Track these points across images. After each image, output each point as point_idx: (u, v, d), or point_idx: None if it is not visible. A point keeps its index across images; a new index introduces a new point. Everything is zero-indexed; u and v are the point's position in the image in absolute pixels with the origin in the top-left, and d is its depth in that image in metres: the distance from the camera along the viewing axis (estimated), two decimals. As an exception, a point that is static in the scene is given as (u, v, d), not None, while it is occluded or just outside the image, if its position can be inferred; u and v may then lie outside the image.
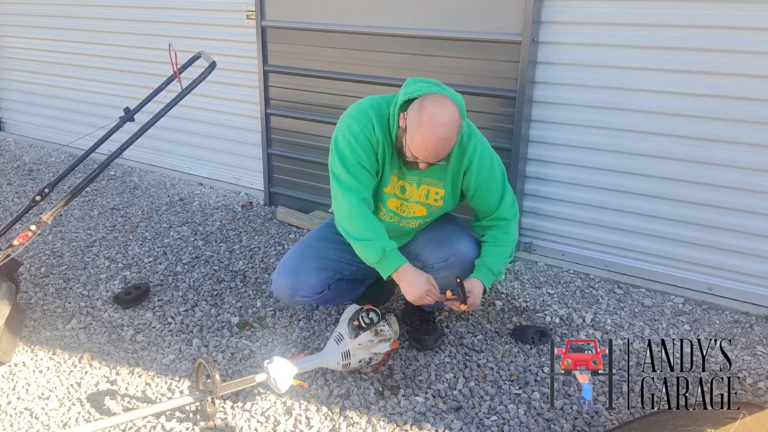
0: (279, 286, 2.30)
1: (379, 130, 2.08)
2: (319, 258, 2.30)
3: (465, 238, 2.29)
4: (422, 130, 1.93)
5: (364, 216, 2.09)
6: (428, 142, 1.94)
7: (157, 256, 3.14)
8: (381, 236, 2.09)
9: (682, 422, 1.79)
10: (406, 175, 2.17)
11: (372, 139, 2.09)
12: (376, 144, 2.10)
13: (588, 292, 2.81)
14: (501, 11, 2.81)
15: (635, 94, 2.69)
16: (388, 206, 2.24)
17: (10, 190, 4.09)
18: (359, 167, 2.08)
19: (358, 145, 2.07)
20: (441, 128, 1.93)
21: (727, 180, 2.61)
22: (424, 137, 1.93)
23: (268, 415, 2.04)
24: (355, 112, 2.14)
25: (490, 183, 2.20)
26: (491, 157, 2.20)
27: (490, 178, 2.19)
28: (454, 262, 2.24)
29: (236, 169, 4.09)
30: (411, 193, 2.20)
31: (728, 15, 2.45)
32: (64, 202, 2.33)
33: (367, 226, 2.08)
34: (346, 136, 2.09)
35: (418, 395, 2.14)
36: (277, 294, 2.33)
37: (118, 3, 4.29)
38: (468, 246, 2.27)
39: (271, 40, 3.53)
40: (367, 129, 2.08)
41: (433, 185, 2.19)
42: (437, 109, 1.93)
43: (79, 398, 2.14)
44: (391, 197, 2.22)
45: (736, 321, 2.60)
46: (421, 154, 1.98)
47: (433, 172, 2.16)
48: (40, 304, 2.70)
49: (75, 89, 4.77)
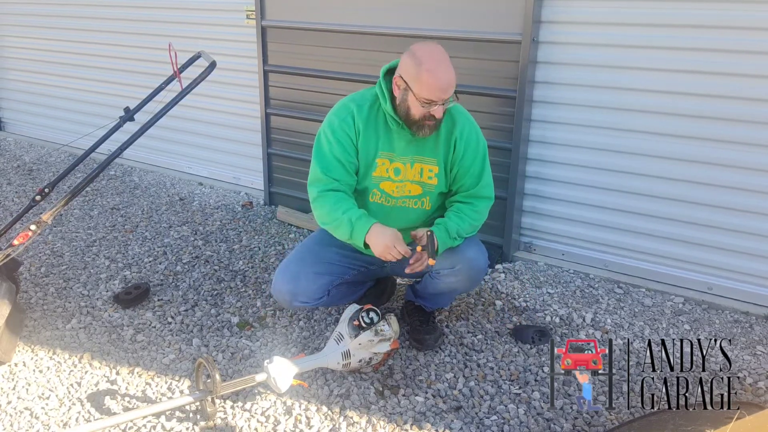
0: (279, 290, 2.28)
1: (360, 119, 2.12)
2: (319, 263, 2.28)
3: (474, 245, 2.26)
4: (426, 65, 1.97)
5: (330, 200, 2.11)
6: (439, 73, 1.97)
7: (157, 256, 3.14)
8: (347, 209, 2.08)
9: (682, 422, 1.79)
10: (399, 156, 2.17)
11: (350, 131, 2.14)
12: (356, 134, 2.14)
13: (588, 291, 2.81)
14: (501, 11, 2.81)
15: (635, 93, 2.69)
16: (382, 189, 2.23)
17: (10, 189, 4.09)
18: (333, 161, 2.13)
19: (334, 139, 2.13)
20: (442, 54, 2.00)
21: (728, 180, 2.61)
22: (432, 70, 1.97)
23: (268, 415, 2.04)
24: (336, 108, 2.20)
25: (474, 160, 2.21)
26: (477, 136, 2.22)
27: (474, 156, 2.20)
28: (462, 269, 2.22)
29: (236, 168, 4.10)
30: (405, 173, 2.20)
31: (728, 15, 2.45)
32: (64, 202, 2.33)
33: (334, 207, 2.09)
34: (325, 130, 2.17)
35: (418, 395, 2.14)
36: (276, 298, 2.33)
37: (118, 3, 4.30)
38: (477, 253, 2.24)
39: (271, 40, 3.53)
40: (346, 122, 2.13)
41: (426, 162, 2.19)
42: (428, 45, 2.00)
43: (79, 398, 2.14)
44: (384, 180, 2.22)
45: (736, 321, 2.60)
46: (434, 92, 1.99)
47: (425, 148, 2.16)
48: (40, 304, 2.70)
49: (75, 89, 4.77)
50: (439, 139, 2.17)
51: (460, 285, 2.29)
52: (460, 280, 2.24)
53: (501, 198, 3.01)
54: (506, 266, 3.01)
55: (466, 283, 2.31)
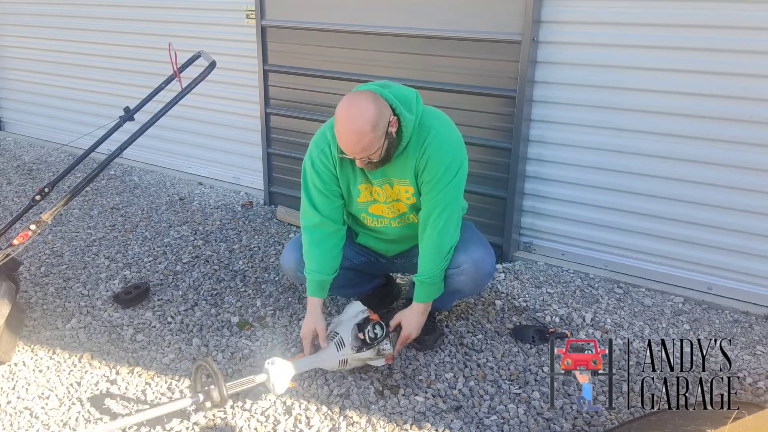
0: (286, 257, 2.37)
1: (336, 147, 2.07)
2: None
3: (481, 247, 2.24)
4: (337, 124, 1.97)
5: (307, 243, 2.23)
6: (342, 136, 1.96)
7: (157, 256, 3.14)
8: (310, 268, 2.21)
9: (682, 422, 1.79)
10: (372, 180, 2.15)
11: (327, 162, 2.14)
12: (333, 164, 2.14)
13: (588, 291, 2.81)
14: (501, 11, 2.80)
15: (635, 93, 2.69)
16: (371, 212, 2.24)
17: (10, 189, 4.09)
18: (316, 192, 2.19)
19: (314, 171, 2.16)
20: (354, 122, 1.93)
21: (728, 180, 2.61)
22: (339, 131, 1.96)
23: (268, 415, 2.04)
24: (316, 136, 2.20)
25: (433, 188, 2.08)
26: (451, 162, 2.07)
27: (434, 182, 2.07)
28: (467, 270, 2.20)
29: (236, 168, 4.10)
30: (388, 194, 2.18)
31: (728, 15, 2.45)
32: (64, 202, 2.33)
33: (307, 255, 2.24)
34: (306, 162, 2.20)
35: (418, 395, 2.14)
36: (283, 267, 2.42)
37: (118, 3, 4.30)
38: (484, 255, 2.22)
39: (271, 40, 3.53)
40: (323, 152, 2.14)
41: (400, 184, 2.15)
42: (347, 104, 1.96)
43: (79, 397, 2.14)
44: (371, 204, 2.22)
45: (736, 321, 2.60)
46: (343, 148, 2.00)
47: (394, 170, 2.12)
48: (40, 304, 2.70)
49: (75, 89, 4.77)
50: (408, 161, 2.08)
51: (464, 286, 2.28)
52: (464, 280, 2.23)
53: (501, 198, 3.02)
54: (506, 266, 3.01)
55: (471, 285, 2.30)
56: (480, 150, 2.97)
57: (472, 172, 2.43)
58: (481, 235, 2.35)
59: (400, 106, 2.00)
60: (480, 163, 2.96)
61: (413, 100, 2.05)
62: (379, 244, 2.37)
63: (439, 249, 2.14)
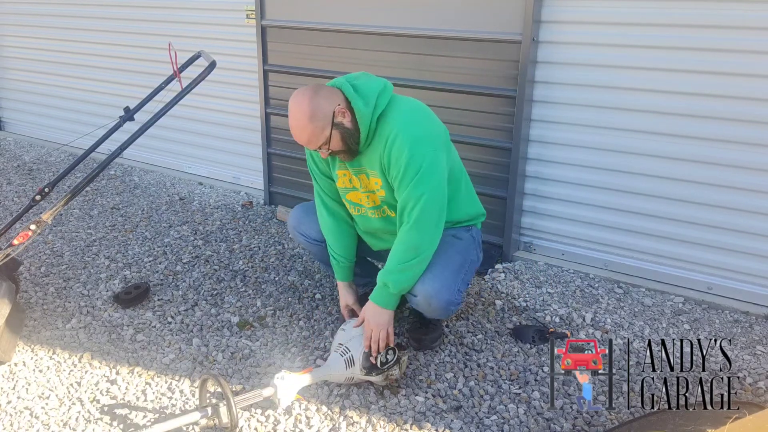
0: (291, 215, 2.53)
1: None
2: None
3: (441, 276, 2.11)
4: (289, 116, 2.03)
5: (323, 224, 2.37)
6: (291, 130, 2.04)
7: (157, 256, 3.14)
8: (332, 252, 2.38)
9: (682, 422, 1.79)
10: (350, 167, 2.17)
11: None
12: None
13: (588, 291, 2.81)
14: (501, 11, 2.81)
15: (635, 93, 2.69)
16: (349, 199, 2.27)
17: (10, 189, 4.09)
18: (316, 173, 2.31)
19: (310, 155, 2.29)
20: (293, 116, 2.00)
21: (728, 180, 2.61)
22: (290, 122, 2.03)
23: (268, 415, 2.04)
24: None
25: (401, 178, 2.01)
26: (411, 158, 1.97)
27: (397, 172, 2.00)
28: (420, 302, 2.16)
29: (236, 168, 4.10)
30: (363, 183, 2.18)
31: (728, 15, 2.45)
32: (64, 202, 2.33)
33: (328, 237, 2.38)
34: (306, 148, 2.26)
35: (418, 395, 2.14)
36: (288, 225, 2.57)
37: (118, 3, 4.30)
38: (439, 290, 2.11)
39: (271, 40, 3.53)
40: None
41: (371, 176, 2.13)
42: (291, 99, 2.01)
43: (79, 397, 2.14)
44: (349, 191, 2.24)
45: (736, 321, 2.60)
46: (295, 140, 2.07)
47: (364, 160, 2.11)
48: (40, 304, 2.70)
49: (75, 89, 4.77)
50: (374, 154, 2.06)
51: (426, 313, 2.24)
52: (422, 307, 2.19)
53: (501, 198, 3.02)
54: (506, 266, 3.01)
55: (429, 314, 2.25)
56: (480, 150, 2.97)
57: (472, 172, 2.44)
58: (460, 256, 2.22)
59: (355, 98, 2.00)
60: (480, 163, 2.97)
61: (376, 93, 2.02)
62: (365, 236, 2.40)
63: (405, 247, 2.05)
